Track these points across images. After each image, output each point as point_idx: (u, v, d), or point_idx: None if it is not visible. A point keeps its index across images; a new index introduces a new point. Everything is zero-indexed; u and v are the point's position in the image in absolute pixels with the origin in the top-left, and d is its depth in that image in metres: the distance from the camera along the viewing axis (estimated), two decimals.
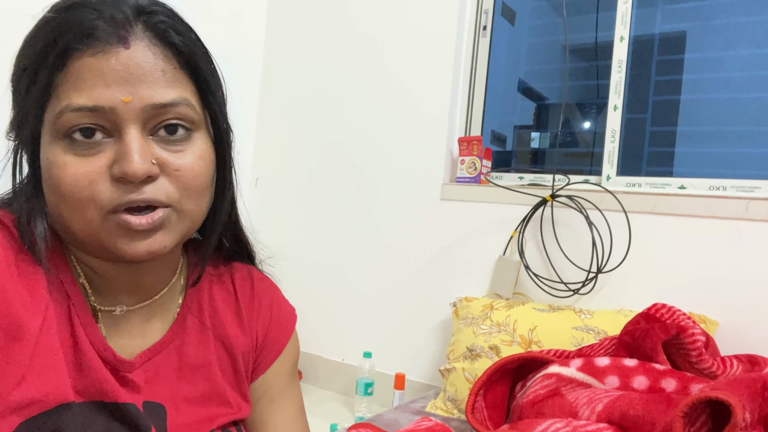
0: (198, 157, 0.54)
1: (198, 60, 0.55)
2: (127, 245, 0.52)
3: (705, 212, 1.56)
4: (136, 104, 0.50)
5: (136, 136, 0.50)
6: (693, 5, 2.76)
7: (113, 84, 0.49)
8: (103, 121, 0.50)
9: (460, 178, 1.94)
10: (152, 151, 0.52)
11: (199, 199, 0.56)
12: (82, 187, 0.50)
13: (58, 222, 0.55)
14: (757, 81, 2.57)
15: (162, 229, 0.53)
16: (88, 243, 0.54)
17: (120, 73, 0.49)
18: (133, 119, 0.50)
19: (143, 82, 0.50)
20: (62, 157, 0.50)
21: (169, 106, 0.52)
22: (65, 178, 0.50)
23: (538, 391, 1.11)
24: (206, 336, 0.64)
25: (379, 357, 2.01)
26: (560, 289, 1.72)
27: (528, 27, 3.12)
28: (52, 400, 0.50)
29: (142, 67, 0.50)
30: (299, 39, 2.35)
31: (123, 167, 0.49)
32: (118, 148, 0.50)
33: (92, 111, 0.49)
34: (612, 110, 1.81)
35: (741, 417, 0.78)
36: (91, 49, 0.49)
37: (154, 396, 0.59)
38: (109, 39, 0.50)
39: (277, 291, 0.74)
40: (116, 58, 0.50)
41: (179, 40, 0.53)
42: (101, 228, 0.51)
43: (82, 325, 0.55)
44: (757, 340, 1.46)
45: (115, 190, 0.50)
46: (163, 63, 0.52)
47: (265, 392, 0.70)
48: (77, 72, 0.49)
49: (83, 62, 0.49)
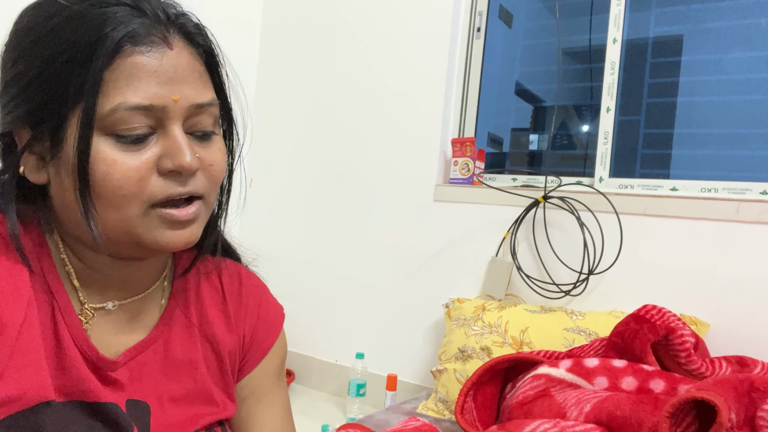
0: (222, 153, 0.58)
1: (218, 63, 0.59)
2: (168, 237, 0.54)
3: (696, 214, 1.56)
4: (183, 103, 0.53)
5: (181, 132, 0.53)
6: (687, 8, 2.77)
7: (165, 83, 0.51)
8: (150, 119, 0.52)
9: (453, 180, 1.95)
10: (193, 147, 0.54)
11: (217, 192, 0.60)
12: (132, 183, 0.51)
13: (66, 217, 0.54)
14: (750, 84, 2.58)
15: (198, 220, 0.57)
16: (115, 239, 0.54)
17: (169, 74, 0.52)
18: (178, 117, 0.53)
19: (187, 83, 0.53)
20: (110, 152, 0.50)
21: (206, 106, 0.55)
22: (114, 174, 0.50)
23: (528, 392, 1.12)
24: (193, 333, 0.64)
25: (372, 358, 2.01)
26: (552, 291, 1.73)
27: (524, 29, 3.13)
28: (31, 398, 0.50)
29: (185, 68, 0.53)
30: (294, 41, 2.35)
31: (178, 161, 0.52)
32: (164, 144, 0.52)
33: (147, 109, 0.51)
34: (605, 112, 1.81)
35: (726, 417, 0.79)
36: (139, 47, 0.50)
37: (138, 394, 0.59)
38: (154, 39, 0.51)
39: (265, 290, 0.74)
40: (165, 58, 0.52)
41: (204, 42, 0.57)
42: (140, 222, 0.53)
43: (65, 324, 0.55)
44: (747, 341, 1.46)
45: (164, 184, 0.53)
46: (198, 65, 0.55)
47: (252, 392, 0.70)
48: (128, 70, 0.50)
49: (133, 60, 0.50)
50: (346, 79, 2.20)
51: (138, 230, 0.53)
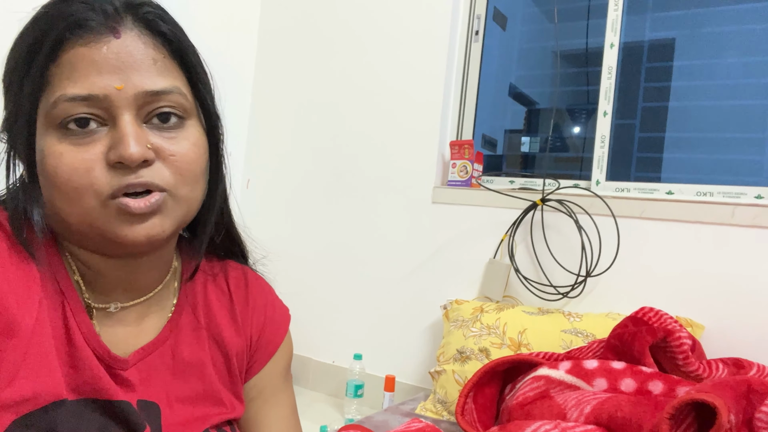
0: (192, 144, 0.55)
1: (186, 49, 0.56)
2: (127, 230, 0.52)
3: (692, 217, 1.58)
4: (129, 91, 0.51)
5: (130, 122, 0.51)
6: (682, 13, 2.80)
7: (106, 72, 0.50)
8: (97, 110, 0.51)
9: (452, 182, 1.96)
10: (147, 137, 0.52)
11: (194, 185, 0.56)
12: (80, 175, 0.50)
13: (54, 216, 0.55)
14: (743, 89, 2.61)
15: (159, 213, 0.53)
16: (86, 234, 0.54)
17: (112, 62, 0.50)
18: (126, 106, 0.51)
19: (135, 70, 0.51)
20: (57, 146, 0.50)
21: (162, 94, 0.53)
22: (62, 167, 0.50)
23: (527, 393, 1.13)
24: (200, 335, 0.64)
25: (370, 359, 2.02)
26: (550, 293, 1.74)
27: (519, 32, 3.15)
28: (45, 397, 0.50)
29: (134, 55, 0.51)
30: (292, 43, 2.35)
31: (119, 151, 0.50)
32: (113, 135, 0.51)
33: (86, 99, 0.50)
34: (602, 116, 1.83)
35: (726, 419, 0.80)
36: (82, 40, 0.50)
37: (148, 395, 0.59)
38: (99, 29, 0.51)
39: (272, 291, 0.74)
40: (107, 47, 0.50)
41: (167, 29, 0.54)
42: (100, 215, 0.52)
43: (76, 323, 0.55)
44: (742, 343, 1.48)
45: (113, 176, 0.51)
46: (153, 52, 0.53)
47: (259, 392, 0.70)
48: (69, 62, 0.50)
49: (75, 52, 0.50)
50: (345, 81, 2.20)
51: (99, 223, 0.52)
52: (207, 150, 0.58)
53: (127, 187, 0.51)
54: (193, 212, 0.59)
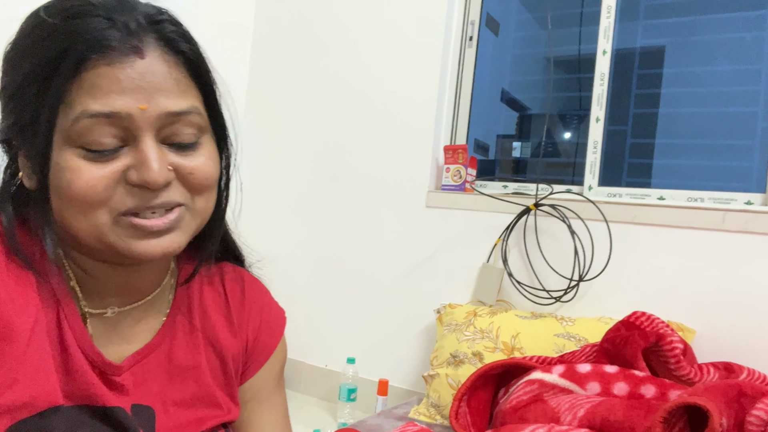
0: (207, 158, 0.56)
1: (204, 68, 0.56)
2: (142, 247, 0.53)
3: (683, 223, 1.60)
4: (153, 112, 0.51)
5: (152, 144, 0.51)
6: (673, 21, 2.83)
7: (129, 92, 0.50)
8: (118, 129, 0.50)
9: (446, 186, 1.97)
10: (167, 157, 0.53)
11: (208, 197, 0.58)
12: (97, 191, 0.50)
13: (60, 226, 0.54)
14: (733, 96, 2.64)
15: (176, 229, 0.54)
16: (93, 246, 0.54)
17: (136, 82, 0.50)
18: (148, 127, 0.51)
19: (159, 91, 0.51)
20: (76, 162, 0.50)
21: (183, 115, 0.53)
22: (79, 183, 0.50)
23: (521, 397, 1.13)
24: (196, 338, 0.64)
25: (363, 363, 2.02)
26: (542, 297, 1.75)
27: (512, 39, 3.17)
28: (41, 403, 0.50)
29: (157, 76, 0.51)
30: (286, 47, 2.35)
31: (143, 175, 0.50)
32: (134, 156, 0.51)
33: (108, 117, 0.49)
34: (594, 122, 1.85)
35: (718, 422, 0.81)
36: (105, 59, 0.49)
37: (143, 398, 0.59)
38: (123, 49, 0.50)
39: (267, 294, 0.74)
40: (132, 68, 0.50)
41: (188, 49, 0.54)
42: (111, 231, 0.52)
43: (70, 329, 0.55)
44: (732, 348, 1.50)
45: (131, 196, 0.51)
46: (175, 72, 0.53)
47: (254, 395, 0.71)
48: (92, 80, 0.49)
49: (98, 71, 0.49)
50: (339, 85, 2.21)
51: (110, 239, 0.52)
52: (219, 162, 0.59)
53: (146, 208, 0.52)
54: (205, 222, 0.59)
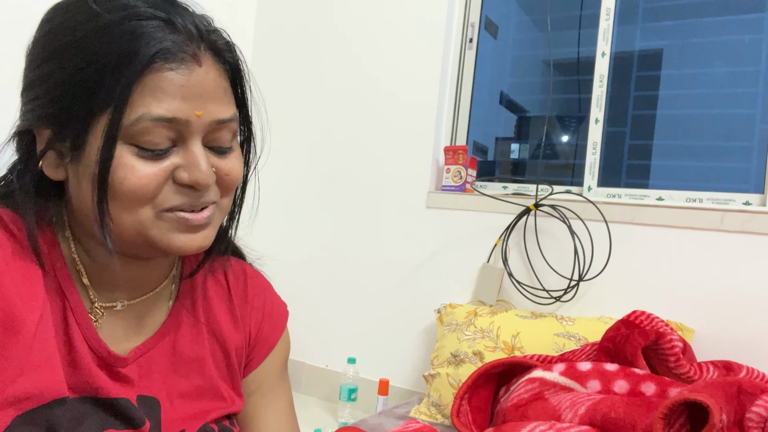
0: (238, 161, 0.60)
1: (244, 79, 0.61)
2: (182, 241, 0.56)
3: (682, 223, 1.61)
4: (206, 119, 0.54)
5: (200, 147, 0.55)
6: (671, 24, 2.85)
7: (189, 99, 0.53)
8: (173, 132, 0.53)
9: (446, 187, 1.97)
10: (210, 161, 0.56)
11: (232, 196, 0.62)
12: (149, 189, 0.53)
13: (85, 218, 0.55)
14: (731, 98, 2.65)
15: (210, 225, 0.58)
16: (130, 241, 0.55)
17: (195, 89, 0.53)
18: (199, 132, 0.54)
19: (212, 99, 0.55)
20: (130, 159, 0.52)
21: (227, 122, 0.57)
22: (133, 179, 0.52)
23: (522, 395, 1.14)
24: (200, 331, 0.65)
25: (363, 363, 2.02)
26: (542, 297, 1.76)
27: (511, 41, 3.18)
28: (48, 395, 0.51)
29: (211, 85, 0.55)
30: (287, 48, 2.36)
31: (195, 176, 0.54)
32: (183, 157, 0.54)
33: (170, 121, 0.52)
34: (593, 123, 1.86)
35: (718, 418, 0.82)
36: (169, 64, 0.52)
37: (148, 390, 0.60)
38: (184, 56, 0.52)
39: (270, 287, 0.76)
40: (192, 74, 0.53)
41: (231, 59, 0.58)
42: (154, 225, 0.54)
43: (76, 322, 0.56)
44: (731, 347, 1.51)
45: (177, 194, 0.55)
46: (224, 82, 0.57)
47: (258, 387, 0.72)
48: (155, 83, 0.51)
49: (162, 75, 0.51)
50: (339, 88, 2.22)
51: (151, 233, 0.54)
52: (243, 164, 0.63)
53: (191, 207, 0.56)
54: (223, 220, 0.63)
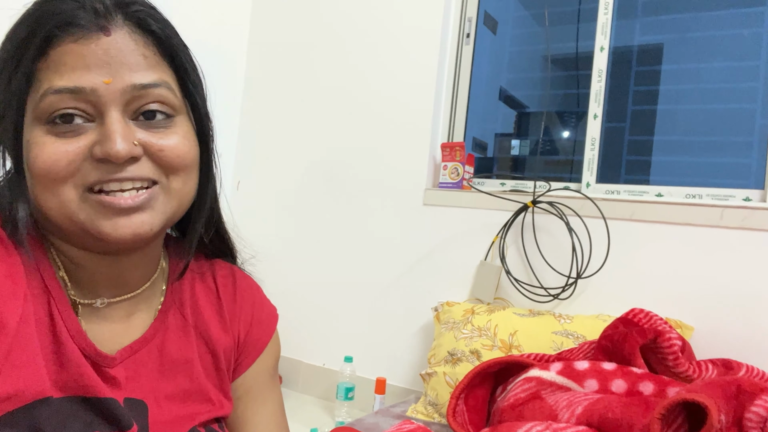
0: (181, 137, 0.55)
1: (177, 48, 0.56)
2: (110, 226, 0.52)
3: (681, 219, 1.59)
4: (117, 85, 0.51)
5: (117, 118, 0.51)
6: (670, 18, 2.83)
7: (94, 67, 0.50)
8: (84, 104, 0.51)
9: (443, 184, 1.96)
10: (134, 133, 0.52)
11: (186, 179, 0.56)
12: (61, 166, 0.50)
13: (37, 210, 0.54)
14: (731, 93, 2.64)
15: (148, 208, 0.53)
16: (67, 229, 0.53)
17: (101, 57, 0.51)
18: (113, 102, 0.51)
19: (124, 66, 0.51)
20: (42, 137, 0.50)
21: (149, 88, 0.53)
22: (43, 157, 0.50)
23: (519, 395, 1.13)
24: (188, 333, 0.64)
25: (360, 361, 2.01)
26: (540, 294, 1.74)
27: (510, 36, 3.16)
28: (29, 395, 0.50)
29: (123, 51, 0.52)
30: (282, 45, 2.35)
31: (105, 148, 0.50)
32: (99, 131, 0.51)
33: (73, 92, 0.50)
34: (592, 119, 1.84)
35: (717, 419, 0.80)
36: (71, 36, 0.50)
37: (135, 392, 0.59)
38: (89, 27, 0.51)
39: (259, 290, 0.74)
40: (96, 44, 0.51)
41: (158, 28, 0.54)
42: (80, 208, 0.52)
43: (62, 320, 0.54)
44: (731, 344, 1.49)
45: (97, 171, 0.51)
46: (143, 49, 0.53)
47: (247, 391, 0.70)
48: (58, 57, 0.50)
49: (64, 48, 0.50)
50: (335, 83, 2.20)
51: (79, 217, 0.52)
52: (197, 146, 0.58)
53: (110, 181, 0.52)
54: (184, 208, 0.58)
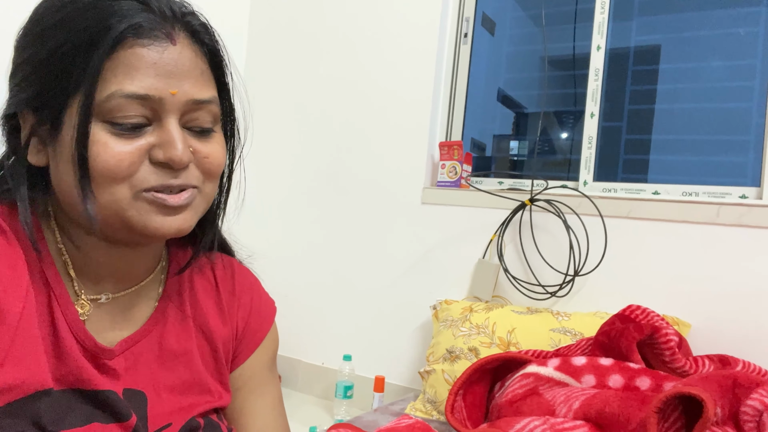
0: (220, 146, 0.60)
1: (223, 63, 0.60)
2: (158, 222, 0.55)
3: (678, 217, 1.60)
4: (181, 98, 0.54)
5: (176, 126, 0.54)
6: (667, 17, 2.84)
7: (163, 76, 0.53)
8: (146, 109, 0.53)
9: (441, 182, 1.96)
10: (187, 141, 0.56)
11: (215, 183, 0.61)
12: (123, 167, 0.52)
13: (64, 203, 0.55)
14: (728, 92, 2.65)
15: (190, 208, 0.57)
16: (108, 223, 0.55)
17: (169, 67, 0.53)
18: (175, 111, 0.54)
19: (188, 78, 0.55)
20: (104, 136, 0.52)
21: (205, 104, 0.56)
22: (105, 156, 0.51)
23: (517, 391, 1.13)
24: (187, 325, 0.65)
25: (359, 360, 2.01)
26: (538, 292, 1.75)
27: (507, 36, 3.17)
28: (31, 386, 0.50)
29: (186, 64, 0.55)
30: (281, 45, 2.35)
31: (169, 153, 0.53)
32: (159, 135, 0.54)
33: (142, 98, 0.52)
34: (589, 117, 1.85)
35: (712, 412, 0.81)
36: (142, 40, 0.52)
37: (134, 383, 0.59)
38: (158, 34, 0.53)
39: (258, 283, 0.76)
40: (166, 52, 0.53)
41: (209, 41, 0.58)
42: (131, 206, 0.54)
43: (62, 312, 0.55)
44: (728, 340, 1.50)
45: (154, 173, 0.54)
46: (200, 62, 0.56)
47: (245, 382, 0.71)
48: (128, 60, 0.52)
49: (133, 52, 0.52)
50: (333, 83, 2.20)
51: (128, 213, 0.53)
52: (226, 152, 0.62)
53: (166, 187, 0.54)
54: (209, 207, 0.62)
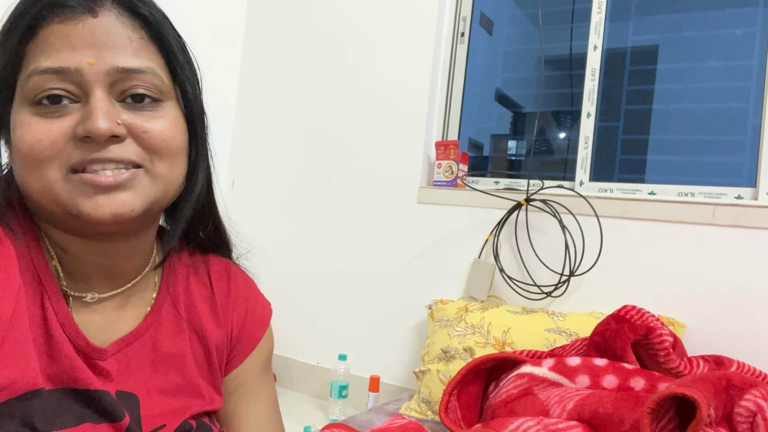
0: (168, 122, 0.55)
1: (166, 33, 0.56)
2: (90, 205, 0.51)
3: (674, 217, 1.60)
4: (102, 66, 0.51)
5: (101, 97, 0.51)
6: (664, 18, 2.84)
7: (79, 48, 0.51)
8: (69, 85, 0.51)
9: (437, 182, 1.96)
10: (118, 113, 0.52)
11: (171, 163, 0.56)
12: (45, 146, 0.50)
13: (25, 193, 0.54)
14: (724, 92, 2.65)
15: (130, 188, 0.53)
16: (51, 211, 0.53)
17: (87, 38, 0.51)
18: (98, 82, 0.51)
19: (109, 48, 0.52)
20: (27, 118, 0.51)
21: (135, 72, 0.53)
22: (27, 137, 0.50)
23: (511, 391, 1.13)
24: (181, 327, 0.64)
25: (354, 359, 2.01)
26: (534, 292, 1.75)
27: (505, 36, 3.17)
28: (21, 386, 0.50)
29: (109, 33, 0.52)
30: (277, 44, 2.35)
31: (87, 125, 0.50)
32: (83, 110, 0.51)
33: (58, 72, 0.50)
34: (585, 117, 1.85)
35: (706, 413, 0.80)
36: (59, 17, 0.51)
37: (126, 385, 0.58)
38: (77, 8, 0.51)
39: (253, 286, 0.74)
40: (83, 25, 0.51)
41: (147, 12, 0.55)
42: (62, 188, 0.51)
43: (54, 312, 0.54)
44: (722, 341, 1.50)
45: (80, 150, 0.51)
46: (130, 32, 0.53)
47: (239, 385, 0.70)
48: (45, 38, 0.51)
49: (51, 29, 0.51)
50: (329, 82, 2.20)
51: (61, 197, 0.51)
52: (185, 133, 0.58)
53: (93, 161, 0.51)
54: (170, 194, 0.58)
